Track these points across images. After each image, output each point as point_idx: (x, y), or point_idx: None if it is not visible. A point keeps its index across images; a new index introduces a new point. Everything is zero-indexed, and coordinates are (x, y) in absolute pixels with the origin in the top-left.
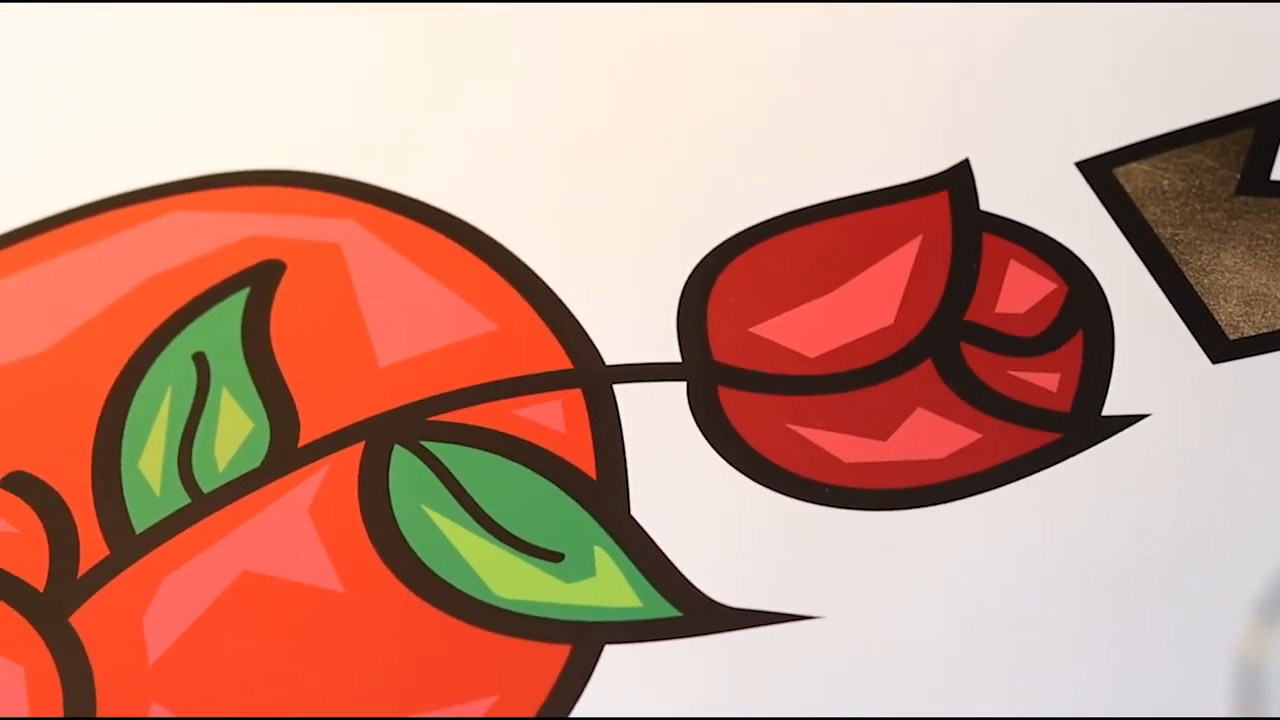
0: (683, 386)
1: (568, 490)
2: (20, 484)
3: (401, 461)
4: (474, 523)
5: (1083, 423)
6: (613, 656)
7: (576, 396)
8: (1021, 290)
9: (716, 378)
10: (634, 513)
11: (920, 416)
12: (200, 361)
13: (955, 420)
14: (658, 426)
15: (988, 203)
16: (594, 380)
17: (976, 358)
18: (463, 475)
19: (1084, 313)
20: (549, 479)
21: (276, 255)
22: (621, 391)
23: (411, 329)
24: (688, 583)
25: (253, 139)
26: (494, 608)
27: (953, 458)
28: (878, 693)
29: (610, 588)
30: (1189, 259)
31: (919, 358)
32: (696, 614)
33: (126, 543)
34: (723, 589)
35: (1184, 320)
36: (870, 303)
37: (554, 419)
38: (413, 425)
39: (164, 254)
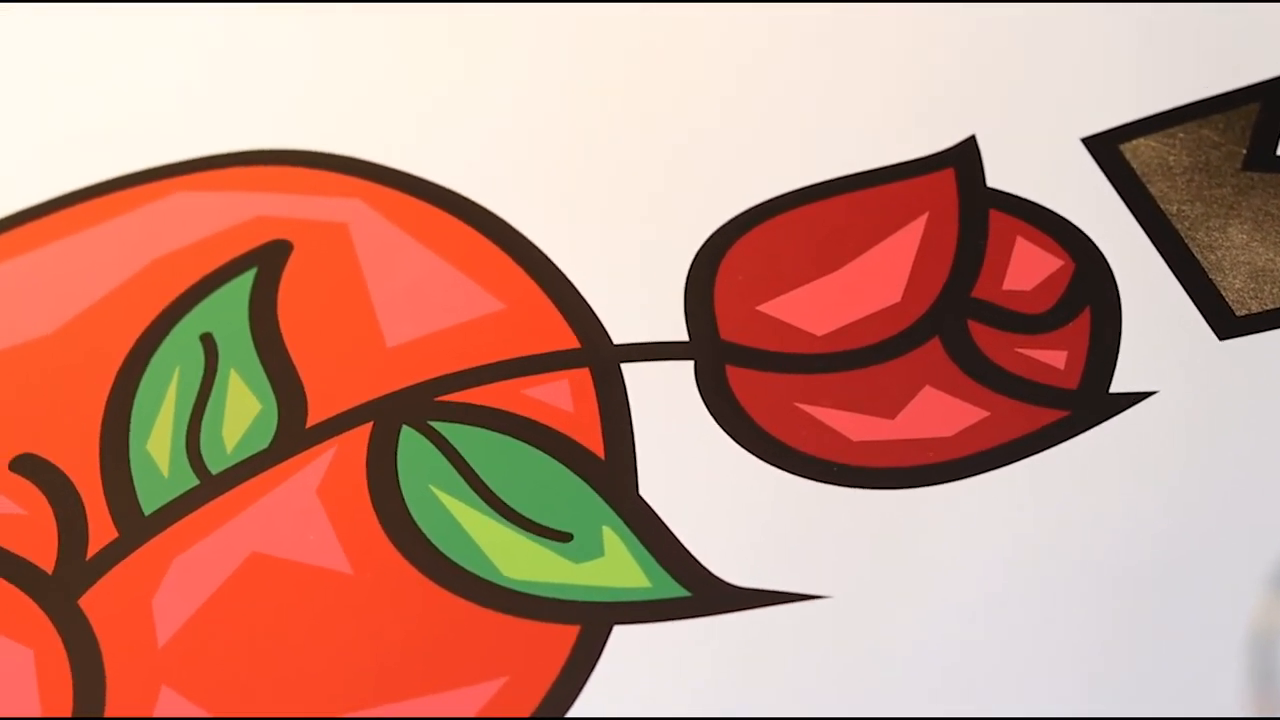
0: (690, 365)
1: (576, 470)
2: (28, 466)
3: (409, 442)
4: (482, 503)
5: (1090, 400)
6: (622, 636)
7: (584, 376)
8: (1028, 267)
9: (724, 356)
10: (642, 492)
11: (928, 394)
12: (208, 342)
13: (963, 398)
14: (666, 405)
15: (994, 179)
16: (602, 359)
17: (984, 335)
18: (471, 455)
19: (1091, 289)
20: (557, 459)
21: (283, 235)
22: (629, 370)
23: (419, 309)
24: (696, 562)
25: (259, 118)
26: (503, 588)
27: (960, 435)
28: (886, 671)
29: (619, 568)
30: (1195, 235)
31: (926, 335)
32: (705, 594)
33: (135, 525)
34: (731, 568)
35: (1191, 297)
36: (877, 280)
37: (562, 398)
38: (420, 405)
39: (170, 235)
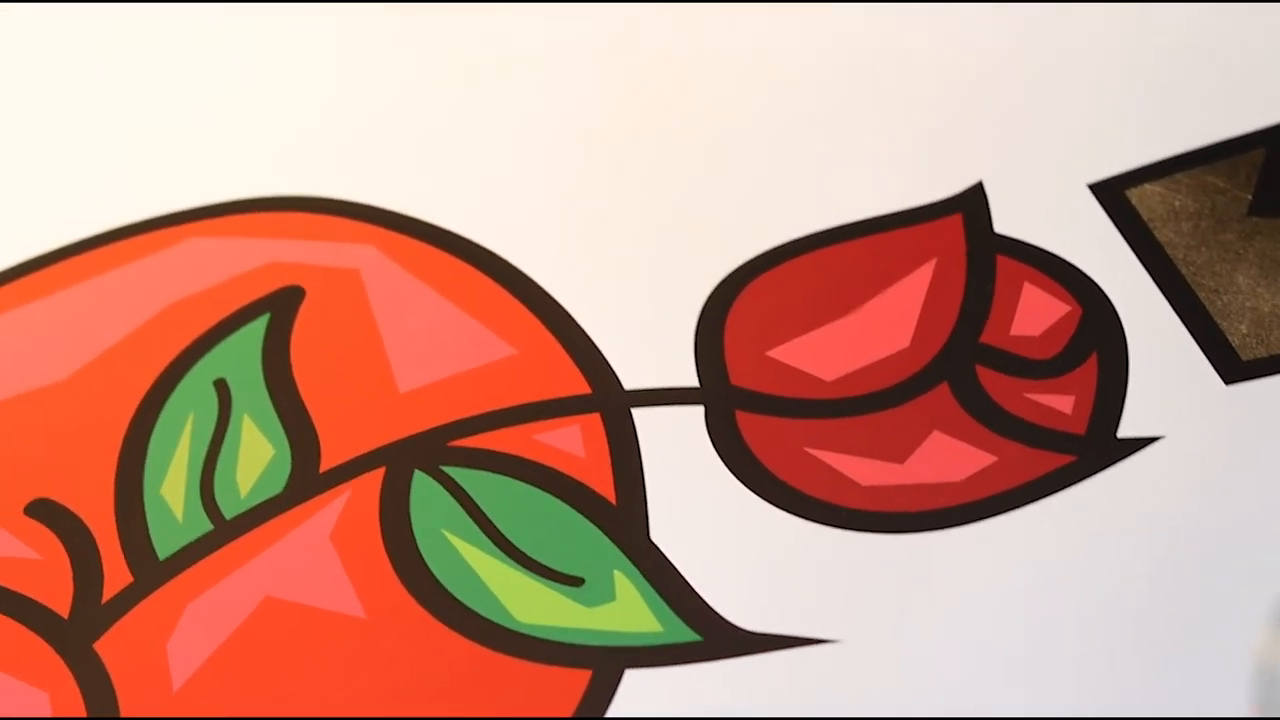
0: (701, 410)
1: (587, 515)
2: (44, 511)
3: (422, 486)
4: (495, 547)
5: (1098, 444)
6: (634, 681)
7: (595, 421)
8: (1036, 312)
9: (734, 402)
10: (653, 537)
11: (937, 439)
12: (221, 388)
13: (971, 443)
14: (676, 451)
15: (1002, 225)
16: (613, 405)
17: (992, 380)
18: (483, 500)
19: (1098, 335)
20: (569, 503)
21: (296, 281)
22: (640, 416)
23: (431, 354)
24: (707, 607)
25: (272, 165)
26: (515, 632)
27: (969, 480)
28: (896, 715)
29: (630, 612)
30: (1202, 280)
31: (935, 380)
32: (716, 638)
33: (150, 569)
34: (742, 613)
35: (1197, 342)
36: (886, 326)
37: (573, 444)
38: (433, 450)
39: (184, 281)
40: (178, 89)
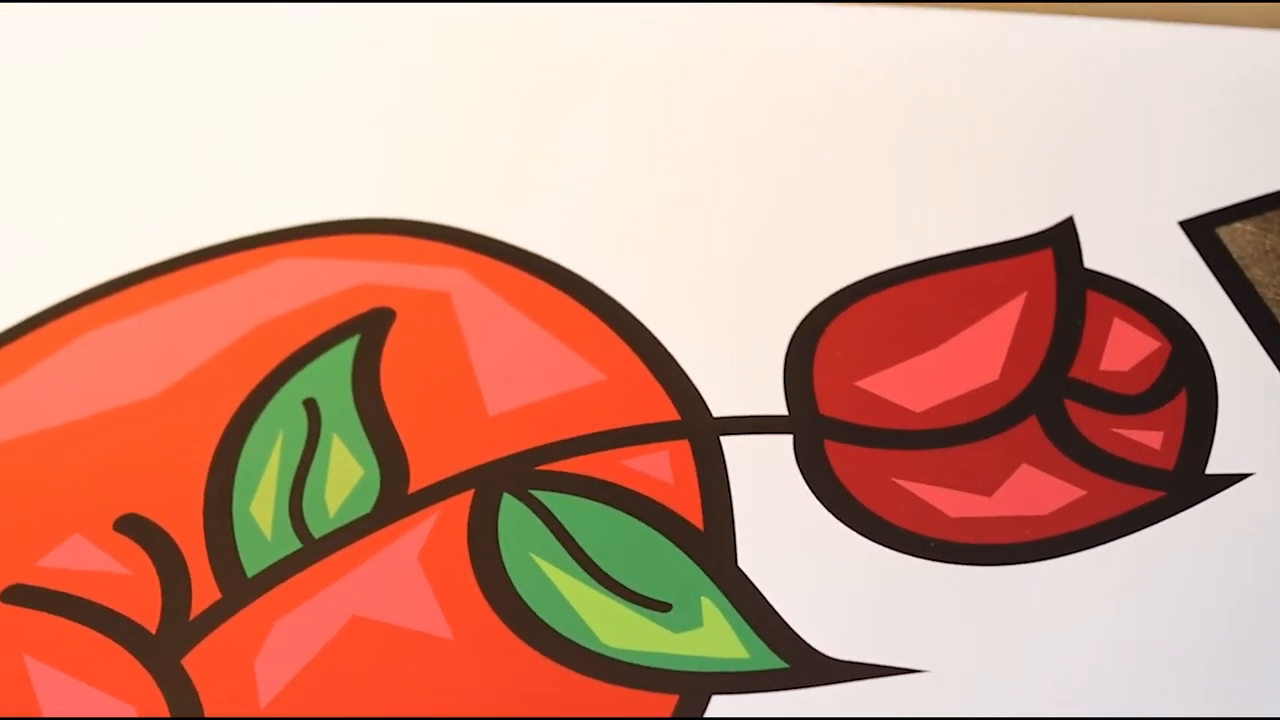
0: (789, 439)
1: (675, 540)
2: (133, 526)
3: (510, 510)
4: (582, 572)
5: (1186, 481)
6: (720, 707)
7: (684, 448)
8: (1126, 348)
9: (823, 431)
10: (741, 564)
11: (1025, 472)
12: (311, 407)
13: (1060, 476)
14: (765, 479)
15: (1092, 260)
16: (701, 432)
17: (1081, 414)
18: (571, 524)
19: (1187, 371)
20: (657, 529)
21: (387, 303)
22: (729, 443)
23: (520, 378)
24: (794, 634)
25: (363, 187)
26: (602, 656)
27: (1057, 514)
28: None
29: (717, 638)
30: None
31: (1024, 414)
32: (802, 665)
33: (238, 586)
34: (828, 641)
35: None
36: (976, 358)
37: (662, 470)
38: (521, 474)
39: (275, 300)
40: (270, 109)
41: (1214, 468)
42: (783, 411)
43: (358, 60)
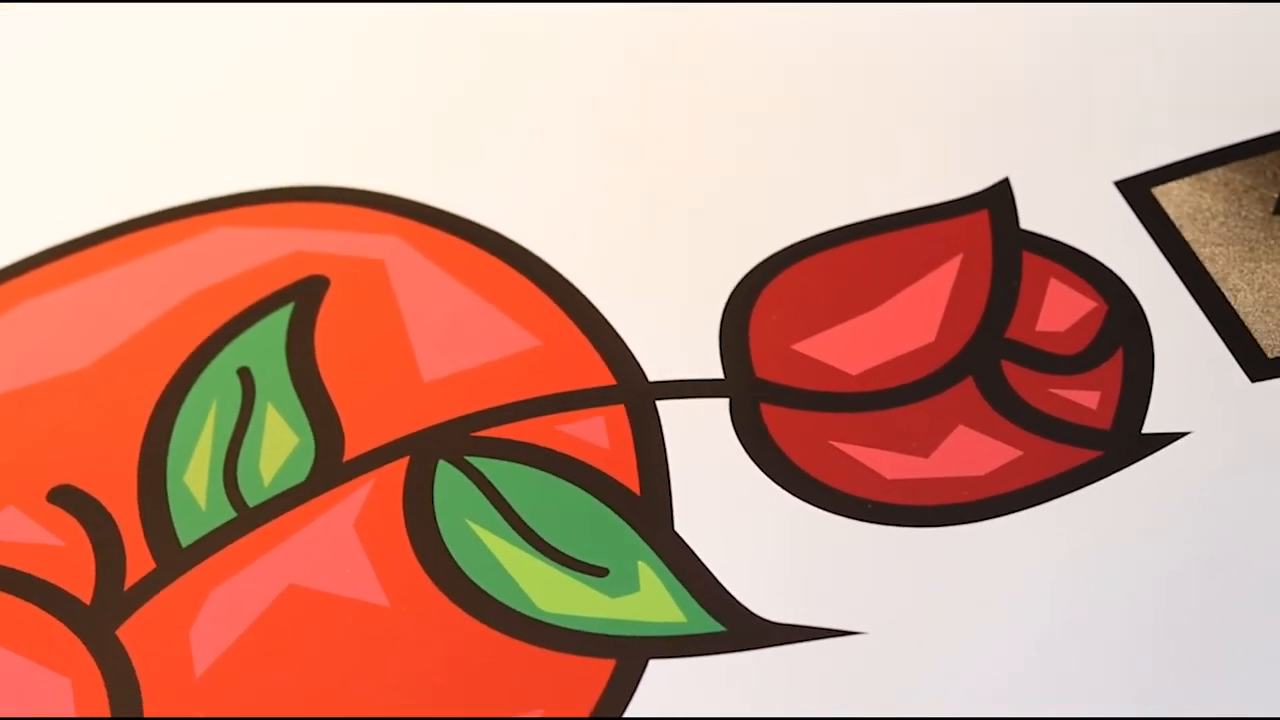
0: (725, 403)
1: (611, 505)
2: (66, 497)
3: (446, 476)
4: (518, 537)
5: (1123, 440)
6: (657, 671)
7: (620, 412)
8: (1062, 308)
9: (759, 394)
10: (678, 528)
11: (962, 434)
12: (245, 376)
13: (996, 437)
14: (701, 442)
15: (1028, 221)
16: (637, 396)
17: (1017, 375)
18: (507, 490)
19: (1124, 331)
20: (593, 494)
21: (320, 271)
22: (665, 407)
23: (455, 344)
24: (731, 598)
25: (296, 155)
26: (539, 622)
27: (994, 474)
28: (922, 708)
29: (654, 603)
30: (1228, 278)
31: (960, 375)
32: (740, 629)
33: (172, 556)
34: (766, 604)
35: (1223, 339)
36: (911, 320)
37: (597, 435)
38: (457, 440)
39: (208, 269)
40: (202, 78)
41: (1151, 427)
42: (718, 375)
43: (290, 26)
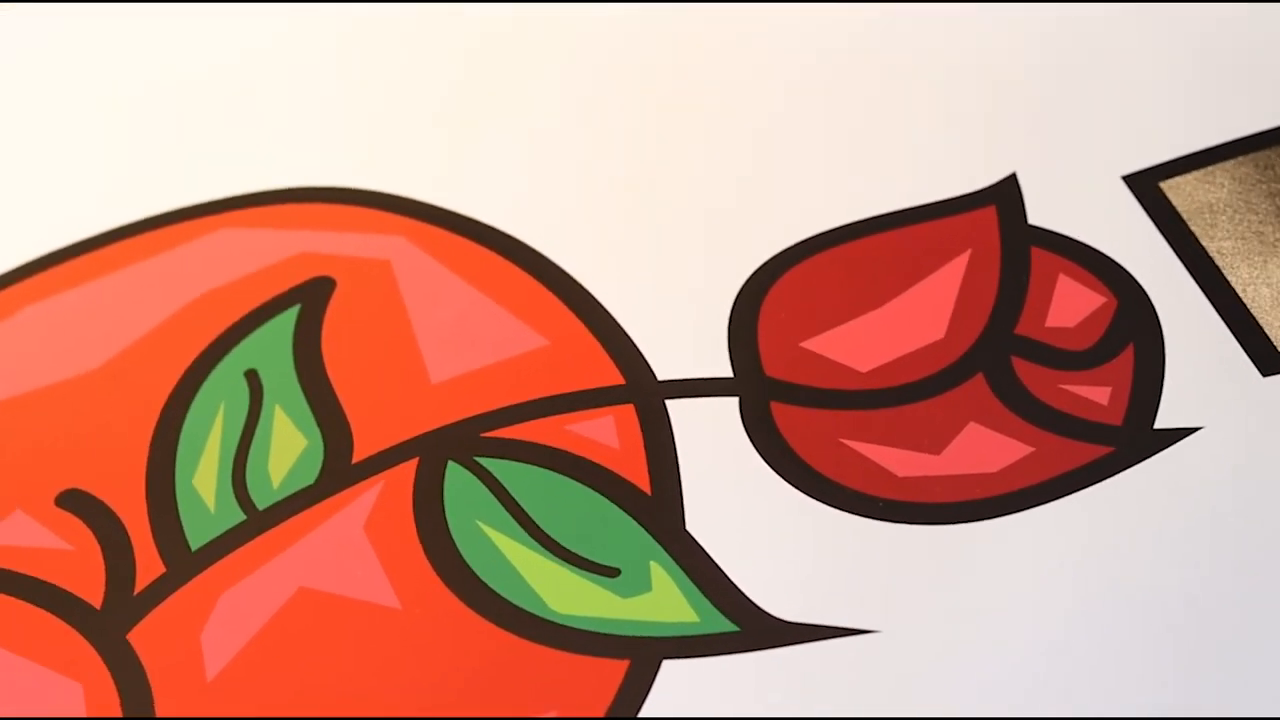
0: (735, 401)
1: (623, 505)
2: (75, 502)
3: (456, 477)
4: (530, 538)
5: (1135, 436)
6: (671, 671)
7: (629, 412)
8: (1071, 304)
9: (769, 393)
10: (689, 527)
11: (973, 430)
12: (252, 379)
13: (1008, 434)
14: (711, 442)
15: (1036, 217)
16: (647, 396)
17: (1028, 371)
18: (517, 491)
19: (1134, 326)
20: (604, 494)
21: (327, 272)
22: (674, 407)
23: (463, 345)
24: (744, 597)
25: (302, 156)
26: (551, 623)
27: (1005, 471)
28: (935, 706)
29: (667, 603)
30: (1237, 272)
31: (970, 372)
32: (753, 628)
33: (183, 560)
34: (779, 603)
35: (1234, 333)
36: (921, 317)
37: (607, 434)
38: (466, 441)
39: (215, 271)
40: (204, 79)
41: (1162, 422)
42: (728, 374)
43: (293, 26)
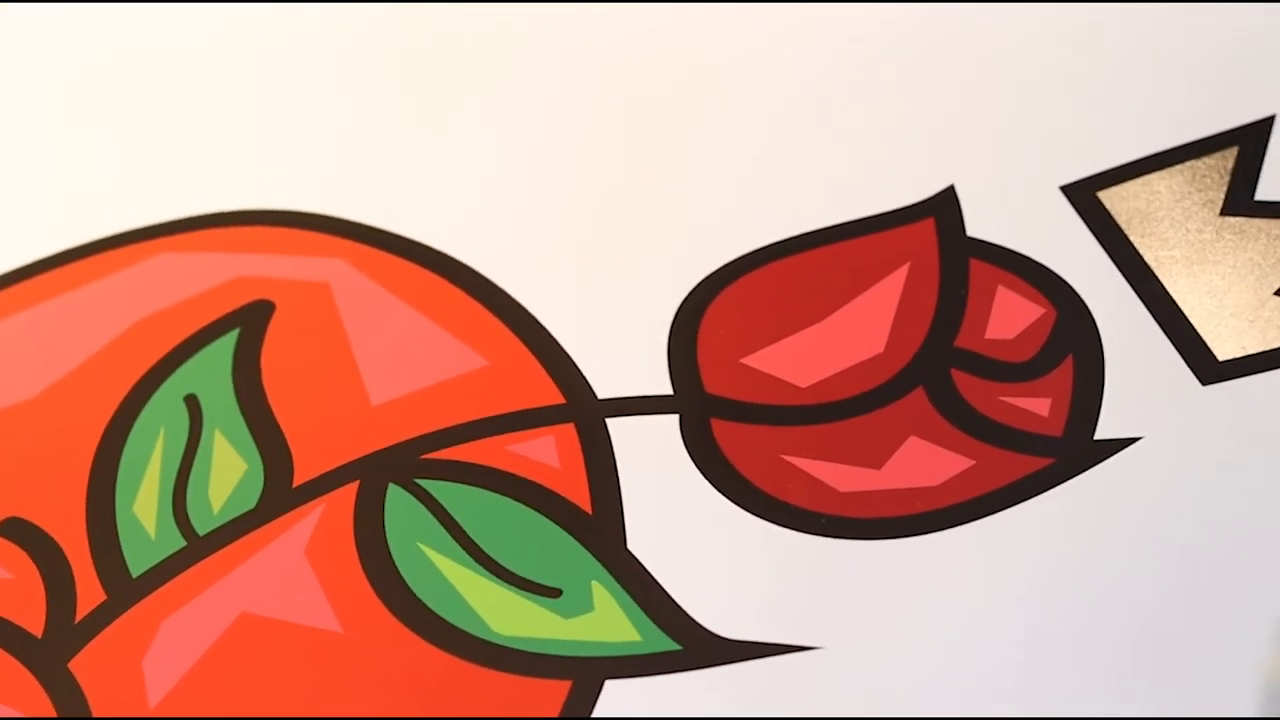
0: (675, 419)
1: (564, 525)
2: (15, 530)
3: (396, 500)
4: (471, 560)
5: (1075, 447)
6: (614, 691)
7: (570, 431)
8: (1010, 315)
9: (709, 409)
10: (630, 546)
11: (913, 444)
12: (192, 404)
13: (948, 447)
14: (652, 459)
15: (974, 229)
16: (587, 414)
17: (967, 384)
18: (458, 512)
19: (1073, 337)
20: (544, 514)
21: (266, 295)
22: (614, 425)
23: (402, 367)
24: (686, 616)
25: (240, 179)
26: (493, 645)
27: (947, 485)
28: None
29: (609, 622)
30: (1176, 280)
31: (910, 385)
32: (695, 647)
33: (123, 587)
34: (721, 621)
35: (1173, 342)
36: (860, 331)
37: (548, 454)
38: (407, 463)
39: (153, 296)
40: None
41: (1102, 433)
42: (668, 391)
43: (230, 48)
